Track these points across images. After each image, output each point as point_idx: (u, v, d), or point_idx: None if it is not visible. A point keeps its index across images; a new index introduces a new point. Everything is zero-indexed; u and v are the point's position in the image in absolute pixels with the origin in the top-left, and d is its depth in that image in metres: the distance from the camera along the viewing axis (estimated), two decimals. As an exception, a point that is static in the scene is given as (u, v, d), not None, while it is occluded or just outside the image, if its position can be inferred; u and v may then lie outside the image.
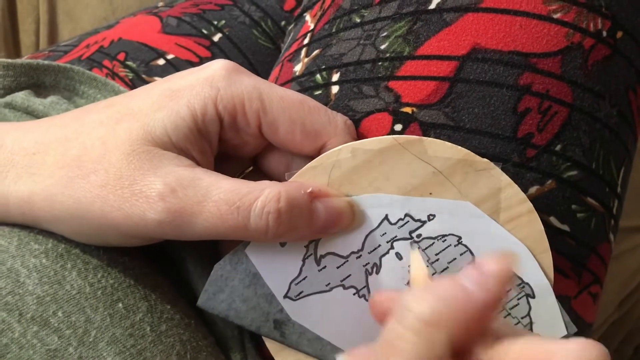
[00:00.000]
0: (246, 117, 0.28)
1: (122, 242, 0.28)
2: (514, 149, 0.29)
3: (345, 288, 0.28)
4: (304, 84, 0.33)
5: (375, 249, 0.28)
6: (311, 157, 0.28)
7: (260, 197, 0.26)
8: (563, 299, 0.31)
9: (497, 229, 0.27)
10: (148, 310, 0.28)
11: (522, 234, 0.27)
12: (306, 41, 0.35)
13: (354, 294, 0.28)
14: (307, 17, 0.37)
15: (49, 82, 0.38)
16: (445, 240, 0.28)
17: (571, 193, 0.30)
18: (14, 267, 0.27)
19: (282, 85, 0.35)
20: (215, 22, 0.46)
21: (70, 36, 0.67)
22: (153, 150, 0.26)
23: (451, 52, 0.30)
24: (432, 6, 0.31)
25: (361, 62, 0.31)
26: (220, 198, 0.26)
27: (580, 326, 0.32)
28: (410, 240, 0.28)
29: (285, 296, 0.28)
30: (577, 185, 0.30)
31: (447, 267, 0.28)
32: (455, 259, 0.28)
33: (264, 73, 0.47)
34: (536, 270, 0.27)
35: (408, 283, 0.28)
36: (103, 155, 0.26)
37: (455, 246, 0.28)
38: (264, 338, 0.29)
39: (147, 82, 0.42)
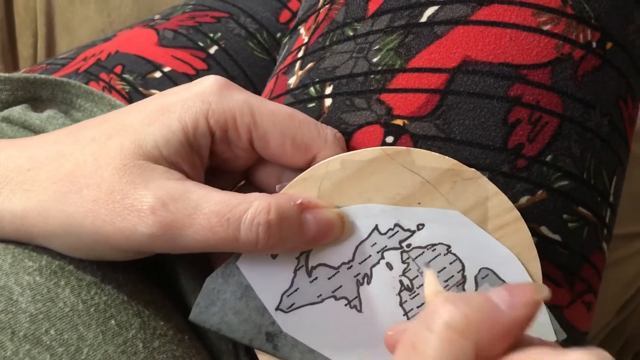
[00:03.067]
0: (237, 131, 0.28)
1: (114, 257, 0.28)
2: (504, 160, 0.29)
3: (336, 299, 0.28)
4: (298, 97, 0.34)
5: (366, 259, 0.28)
6: (302, 170, 0.28)
7: (250, 208, 0.26)
8: (555, 308, 0.31)
9: (485, 238, 0.28)
10: (141, 327, 0.28)
11: (510, 242, 0.28)
12: (300, 54, 0.35)
13: (346, 305, 0.28)
14: (302, 30, 0.37)
15: (46, 96, 0.39)
16: (435, 249, 0.28)
17: (562, 203, 0.30)
18: (7, 284, 0.27)
19: (276, 97, 0.36)
20: (211, 35, 0.47)
21: (67, 48, 0.68)
22: (144, 164, 0.27)
23: (442, 64, 0.30)
24: (423, 19, 0.31)
25: (354, 75, 0.32)
26: (210, 210, 0.26)
27: (573, 335, 0.32)
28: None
29: (277, 308, 0.28)
30: (569, 195, 0.31)
31: (438, 276, 0.28)
32: (445, 267, 0.28)
33: (259, 84, 0.47)
34: (525, 279, 0.28)
35: (399, 292, 0.28)
36: (95, 170, 0.27)
37: (444, 255, 0.28)
38: (256, 351, 0.29)
39: (144, 95, 0.43)
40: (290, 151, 0.28)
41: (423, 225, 0.28)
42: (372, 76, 0.31)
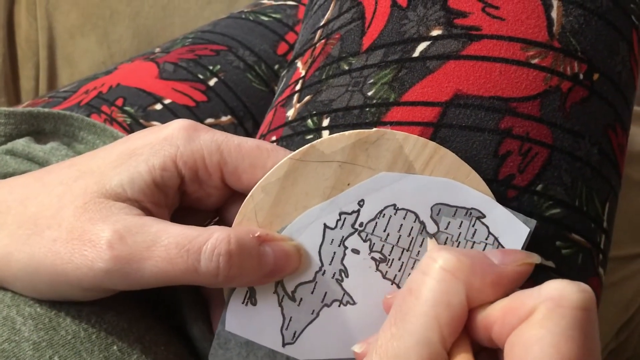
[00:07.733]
0: (208, 170, 0.28)
1: (78, 296, 0.28)
2: (494, 191, 0.30)
3: (329, 305, 0.29)
4: (296, 129, 0.35)
5: (333, 257, 0.29)
6: None
7: (210, 239, 0.26)
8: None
9: (419, 180, 0.28)
10: (142, 352, 0.29)
11: (442, 172, 0.28)
12: (298, 87, 0.36)
13: (339, 305, 0.29)
14: (299, 64, 0.38)
15: (49, 129, 0.39)
16: (384, 214, 0.28)
17: (554, 230, 0.31)
18: (9, 315, 0.27)
19: (275, 129, 0.36)
20: (211, 67, 0.48)
21: (69, 80, 0.69)
22: (104, 202, 0.27)
23: (434, 98, 0.31)
24: (416, 54, 0.32)
25: (349, 108, 0.33)
26: (169, 242, 0.26)
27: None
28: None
29: (284, 344, 0.29)
30: (561, 223, 0.31)
31: (400, 235, 0.29)
32: (401, 224, 0.28)
33: (258, 115, 0.48)
34: (472, 193, 0.28)
35: (377, 268, 0.29)
36: (58, 210, 0.27)
37: (395, 214, 0.28)
38: None
39: (145, 127, 0.44)
40: None
41: (363, 200, 0.28)
42: (367, 109, 0.32)
